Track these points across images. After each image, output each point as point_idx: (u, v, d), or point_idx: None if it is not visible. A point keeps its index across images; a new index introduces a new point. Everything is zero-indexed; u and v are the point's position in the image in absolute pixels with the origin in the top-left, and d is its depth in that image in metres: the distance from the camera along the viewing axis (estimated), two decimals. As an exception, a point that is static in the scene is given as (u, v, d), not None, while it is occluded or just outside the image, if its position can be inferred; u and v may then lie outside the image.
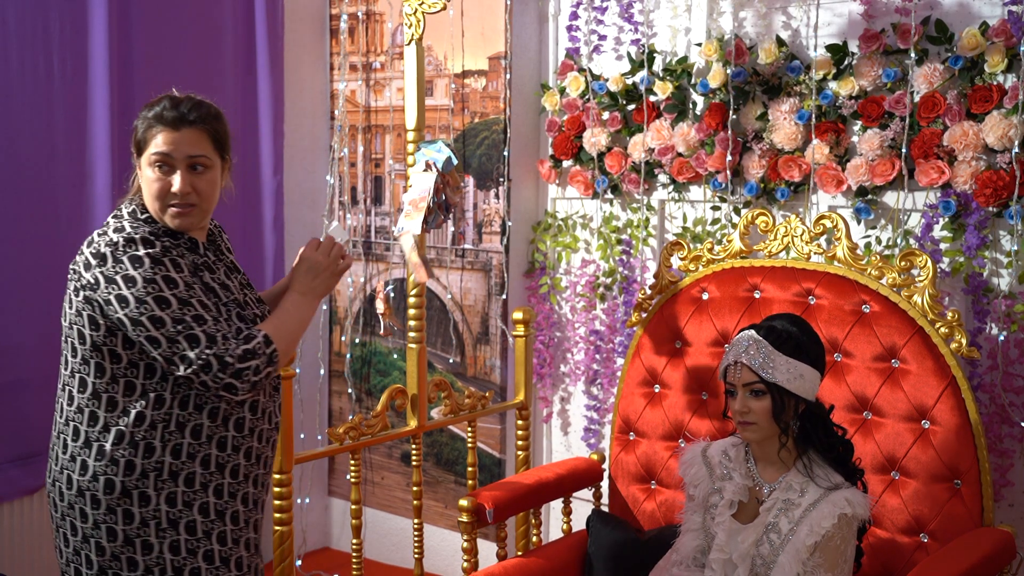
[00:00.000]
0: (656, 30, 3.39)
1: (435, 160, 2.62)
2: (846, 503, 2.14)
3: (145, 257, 1.93)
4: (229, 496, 2.06)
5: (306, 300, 2.13)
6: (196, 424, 2.01)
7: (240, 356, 1.92)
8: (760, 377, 2.19)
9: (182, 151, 2.01)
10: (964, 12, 2.80)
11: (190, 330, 1.91)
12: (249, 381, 1.94)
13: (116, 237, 1.95)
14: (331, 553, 4.20)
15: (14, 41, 3.11)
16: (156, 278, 1.92)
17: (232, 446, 2.06)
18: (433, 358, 3.84)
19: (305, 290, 2.14)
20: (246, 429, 2.08)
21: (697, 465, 2.38)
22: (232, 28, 3.74)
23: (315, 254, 2.15)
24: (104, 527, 1.98)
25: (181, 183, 2.00)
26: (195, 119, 2.02)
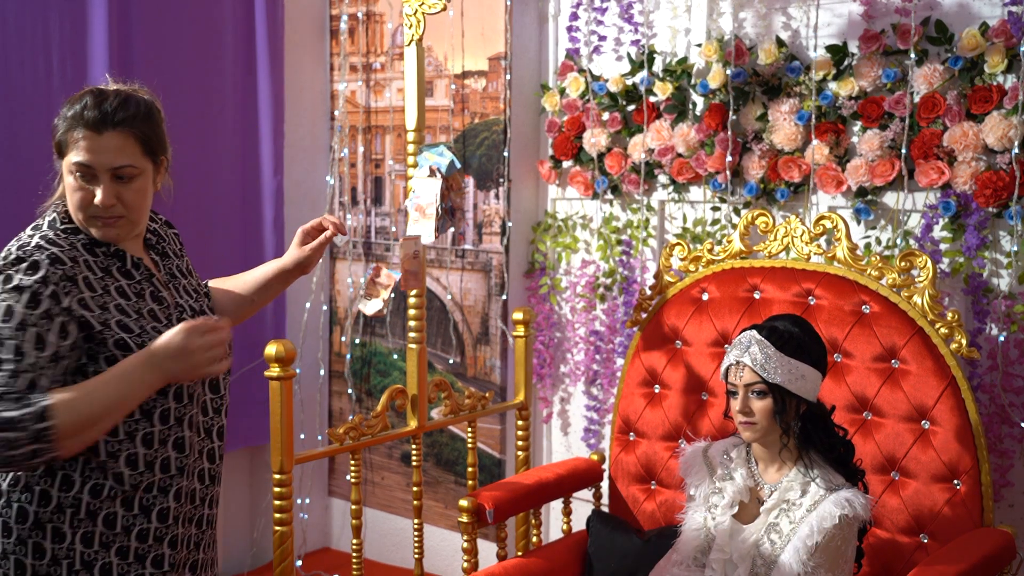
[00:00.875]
0: (656, 31, 3.39)
1: (439, 165, 2.62)
2: (847, 504, 2.14)
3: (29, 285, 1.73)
4: (155, 540, 1.89)
5: (146, 377, 1.76)
6: (116, 471, 1.83)
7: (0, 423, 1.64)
8: (762, 377, 2.19)
9: (104, 161, 1.79)
10: (964, 12, 2.80)
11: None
12: (3, 455, 1.64)
13: (14, 252, 1.78)
14: (331, 553, 4.20)
15: (14, 41, 3.11)
16: (25, 290, 1.72)
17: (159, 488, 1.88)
18: (433, 358, 3.84)
19: (155, 365, 1.76)
20: (173, 468, 1.90)
21: (698, 465, 2.38)
22: (232, 28, 3.74)
23: (197, 339, 1.78)
24: (12, 559, 1.81)
25: (104, 195, 1.80)
26: (120, 120, 1.80)
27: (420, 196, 2.64)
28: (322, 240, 2.24)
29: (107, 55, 3.26)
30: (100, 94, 1.83)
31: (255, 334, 3.77)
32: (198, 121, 3.62)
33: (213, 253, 3.66)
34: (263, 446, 3.93)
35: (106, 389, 1.73)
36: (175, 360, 1.76)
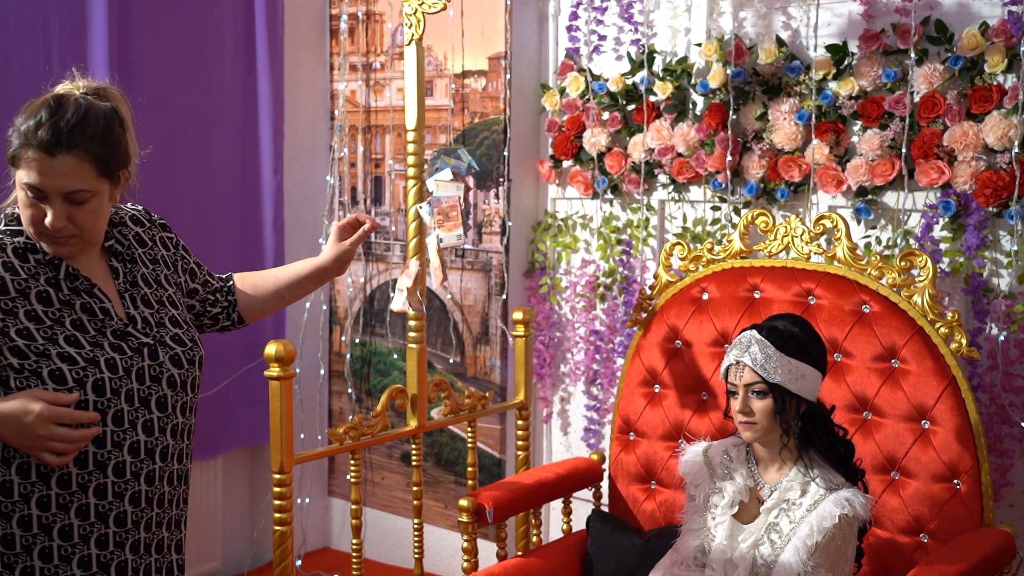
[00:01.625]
0: (656, 30, 3.39)
1: (458, 168, 2.64)
2: (847, 503, 2.14)
3: None
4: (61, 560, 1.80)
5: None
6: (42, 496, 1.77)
7: None
8: (762, 377, 2.19)
9: (56, 185, 1.71)
10: (964, 12, 2.80)
11: None
12: None
13: None
14: (331, 553, 4.20)
15: (14, 41, 3.11)
16: None
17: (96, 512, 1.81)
18: (433, 358, 3.84)
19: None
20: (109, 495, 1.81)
21: (698, 465, 2.38)
22: (232, 28, 3.74)
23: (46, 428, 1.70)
24: None
25: (54, 218, 1.73)
26: (75, 143, 1.71)
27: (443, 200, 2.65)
28: (361, 234, 2.23)
29: (107, 55, 3.26)
30: (58, 108, 1.73)
31: (255, 334, 3.76)
32: (198, 121, 3.62)
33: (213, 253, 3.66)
34: (263, 446, 3.93)
35: None
36: (14, 434, 1.70)
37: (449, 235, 2.68)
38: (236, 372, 3.76)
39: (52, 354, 1.75)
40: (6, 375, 1.75)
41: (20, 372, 1.74)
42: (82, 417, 1.74)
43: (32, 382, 1.74)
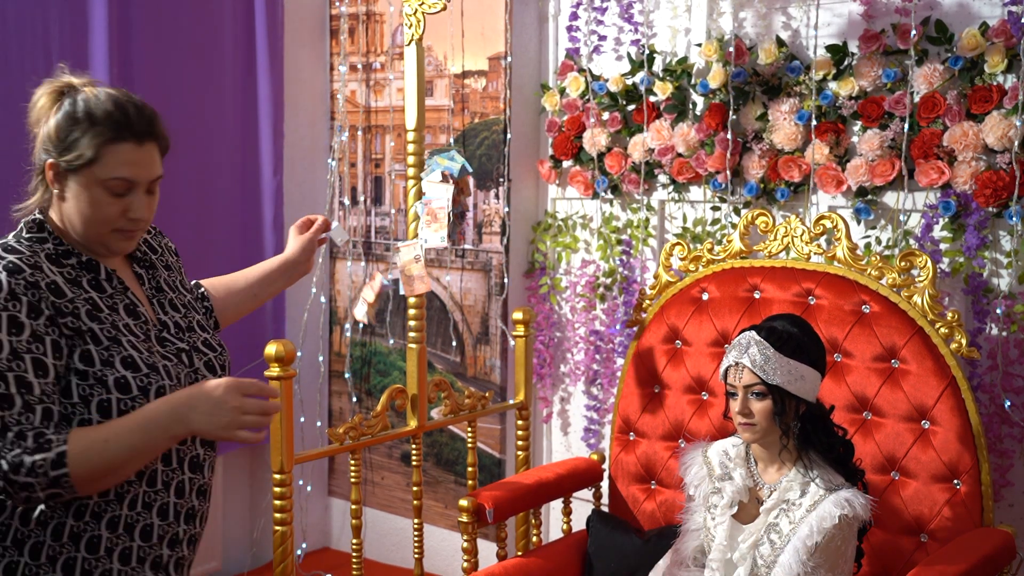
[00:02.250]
0: (656, 30, 3.39)
1: (450, 170, 2.64)
2: (847, 504, 2.14)
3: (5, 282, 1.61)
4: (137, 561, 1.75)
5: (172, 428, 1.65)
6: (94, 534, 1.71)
7: (13, 466, 1.56)
8: (761, 379, 2.19)
9: (145, 175, 1.73)
10: (964, 12, 2.80)
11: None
12: (21, 496, 1.58)
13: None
14: (331, 553, 4.20)
15: (14, 41, 3.11)
16: (1, 314, 1.60)
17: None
18: (433, 358, 3.84)
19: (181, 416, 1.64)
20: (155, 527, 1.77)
21: (697, 465, 2.38)
22: (232, 28, 3.74)
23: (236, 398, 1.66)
24: None
25: (143, 209, 1.74)
26: (155, 131, 1.76)
27: (432, 201, 2.66)
28: (318, 227, 2.26)
29: (107, 55, 3.26)
30: (129, 98, 1.75)
31: (255, 334, 3.77)
32: (198, 121, 3.62)
33: (213, 253, 3.67)
34: (263, 446, 3.93)
35: (128, 438, 1.62)
36: (205, 414, 1.64)
37: (433, 236, 2.69)
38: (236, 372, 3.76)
39: (116, 361, 1.69)
40: (68, 381, 1.66)
41: (84, 379, 1.67)
42: (265, 388, 1.70)
43: (96, 391, 1.67)
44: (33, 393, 1.60)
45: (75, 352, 1.66)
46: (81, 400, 1.66)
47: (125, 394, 1.67)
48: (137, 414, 1.65)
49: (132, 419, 1.64)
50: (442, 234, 2.65)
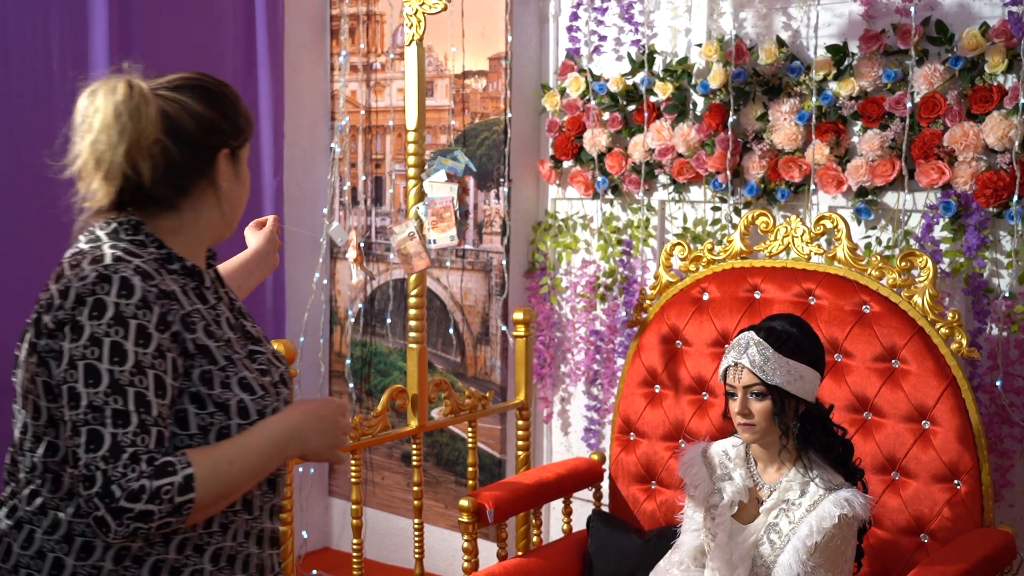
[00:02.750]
0: (656, 31, 3.39)
1: (455, 170, 2.64)
2: (846, 504, 2.14)
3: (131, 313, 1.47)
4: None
5: (289, 449, 1.58)
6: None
7: (132, 493, 1.39)
8: (760, 379, 2.19)
9: None
10: (964, 12, 2.80)
11: (100, 423, 1.41)
12: (129, 527, 1.40)
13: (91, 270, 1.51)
14: (331, 553, 4.20)
15: (14, 41, 3.11)
16: (129, 321, 1.46)
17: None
18: (433, 358, 3.84)
19: (300, 436, 1.58)
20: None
21: (697, 465, 2.38)
22: (232, 28, 3.74)
23: (343, 418, 1.64)
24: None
25: None
26: None
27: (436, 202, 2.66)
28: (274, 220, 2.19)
29: (107, 55, 3.26)
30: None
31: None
32: (198, 121, 3.62)
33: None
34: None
35: (249, 459, 1.52)
36: (319, 434, 1.59)
37: (442, 236, 2.69)
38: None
39: (233, 383, 1.57)
40: (184, 409, 1.52)
41: (202, 406, 1.53)
42: (344, 409, 1.68)
43: (217, 418, 1.54)
44: (151, 413, 1.45)
45: (193, 373, 1.53)
46: (200, 431, 1.53)
47: (245, 420, 1.56)
48: (255, 434, 1.54)
49: (251, 439, 1.54)
50: (451, 233, 2.65)
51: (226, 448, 1.51)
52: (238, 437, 1.54)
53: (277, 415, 1.59)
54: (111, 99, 1.55)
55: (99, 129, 1.54)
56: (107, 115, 1.54)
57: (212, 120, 1.62)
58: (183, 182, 1.60)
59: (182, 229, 1.63)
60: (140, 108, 1.55)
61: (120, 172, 1.54)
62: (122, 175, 1.54)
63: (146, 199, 1.59)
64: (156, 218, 1.61)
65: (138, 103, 1.55)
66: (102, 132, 1.54)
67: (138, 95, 1.56)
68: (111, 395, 1.42)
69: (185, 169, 1.59)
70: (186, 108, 1.60)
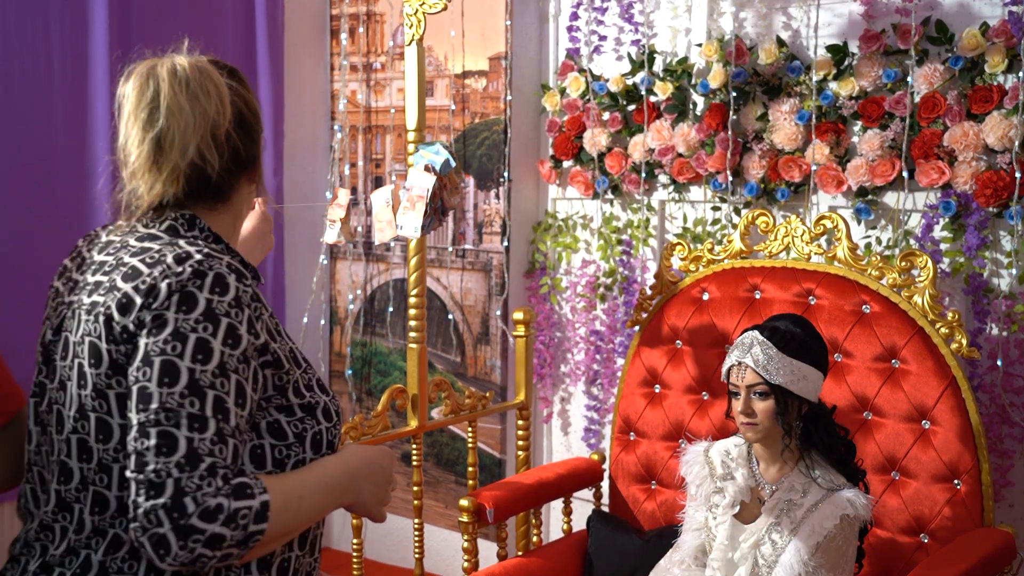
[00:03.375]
0: (656, 31, 3.39)
1: (433, 163, 2.61)
2: (848, 504, 2.15)
3: (224, 311, 1.33)
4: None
5: (346, 494, 1.47)
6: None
7: (207, 510, 1.22)
8: (764, 379, 2.19)
9: None
10: (964, 12, 2.80)
11: (175, 425, 1.25)
12: (193, 553, 1.22)
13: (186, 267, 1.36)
14: (331, 553, 4.20)
15: (14, 41, 3.11)
16: (221, 319, 1.32)
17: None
18: (433, 358, 3.84)
19: (354, 480, 1.47)
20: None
21: (699, 465, 2.38)
22: (232, 28, 3.74)
23: (390, 463, 1.54)
24: None
25: None
26: None
27: (413, 189, 2.63)
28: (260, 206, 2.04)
29: (107, 55, 3.26)
30: None
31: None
32: (198, 121, 3.62)
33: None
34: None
35: (315, 498, 1.39)
36: (375, 485, 1.49)
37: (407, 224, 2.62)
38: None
39: (314, 384, 1.47)
40: (276, 420, 1.41)
41: (292, 413, 1.42)
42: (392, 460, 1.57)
43: (308, 424, 1.44)
44: (228, 423, 1.29)
45: (288, 385, 1.42)
46: (296, 438, 1.42)
47: (329, 423, 1.47)
48: (319, 474, 1.42)
49: (317, 477, 1.41)
50: (416, 224, 2.59)
51: (295, 481, 1.38)
52: (303, 472, 1.41)
53: (335, 457, 1.46)
54: (181, 81, 1.39)
55: (168, 115, 1.38)
56: (179, 99, 1.38)
57: (257, 108, 1.51)
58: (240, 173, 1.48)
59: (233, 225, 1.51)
60: (212, 91, 1.40)
61: (188, 163, 1.39)
62: (189, 167, 1.40)
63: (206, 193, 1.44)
64: (211, 213, 1.47)
65: (210, 85, 1.40)
66: (173, 118, 1.38)
67: (208, 76, 1.41)
68: (188, 396, 1.26)
69: (244, 159, 1.47)
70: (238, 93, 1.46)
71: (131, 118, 1.41)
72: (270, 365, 1.39)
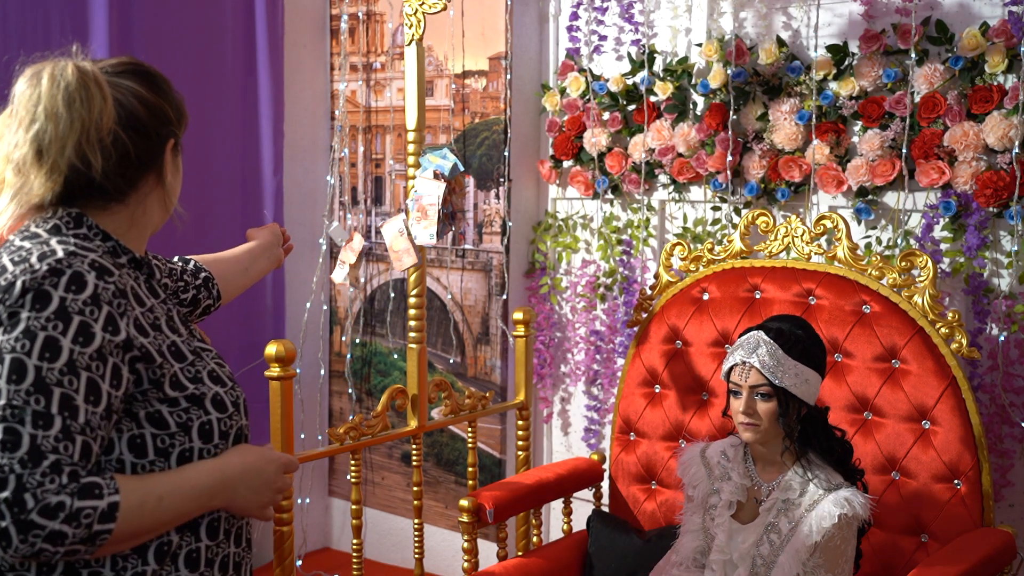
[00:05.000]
0: (656, 30, 3.39)
1: (441, 168, 2.63)
2: (846, 503, 2.14)
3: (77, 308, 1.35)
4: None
5: (215, 499, 1.47)
6: None
7: (47, 507, 1.25)
8: (768, 380, 2.19)
9: None
10: (964, 12, 2.80)
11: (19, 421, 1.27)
12: (34, 547, 1.26)
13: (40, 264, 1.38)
14: (331, 553, 4.20)
15: (14, 41, 3.11)
16: (73, 317, 1.34)
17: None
18: (433, 358, 3.84)
19: (229, 486, 1.48)
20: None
21: (696, 466, 2.38)
22: (232, 28, 3.74)
23: (280, 477, 1.55)
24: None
25: None
26: None
27: (423, 197, 2.65)
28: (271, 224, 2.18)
29: (107, 55, 3.26)
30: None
31: (255, 334, 3.76)
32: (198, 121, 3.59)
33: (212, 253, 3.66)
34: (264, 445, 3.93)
35: (178, 500, 1.41)
36: (252, 491, 1.49)
37: (422, 232, 2.66)
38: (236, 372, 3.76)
39: (204, 375, 1.49)
40: (157, 411, 1.43)
41: (176, 404, 1.44)
42: (294, 464, 1.59)
43: (195, 414, 1.46)
44: (77, 420, 1.31)
45: (164, 379, 1.43)
46: (181, 428, 1.45)
47: (223, 412, 1.49)
48: (188, 476, 1.43)
49: (184, 480, 1.43)
50: (431, 231, 2.63)
51: (158, 483, 1.39)
52: (171, 473, 1.42)
53: (213, 460, 1.47)
54: (60, 85, 1.40)
55: (45, 118, 1.40)
56: (56, 103, 1.40)
57: (161, 108, 1.52)
58: (134, 174, 1.49)
59: (130, 223, 1.52)
60: (94, 95, 1.41)
61: (67, 165, 1.41)
62: (69, 168, 1.41)
63: (93, 193, 1.46)
64: (102, 212, 1.49)
65: (92, 89, 1.42)
66: (49, 121, 1.40)
67: (92, 80, 1.42)
68: (33, 394, 1.29)
69: (138, 160, 1.48)
70: (136, 95, 1.48)
71: (14, 118, 1.44)
72: (139, 360, 1.40)
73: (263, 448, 1.54)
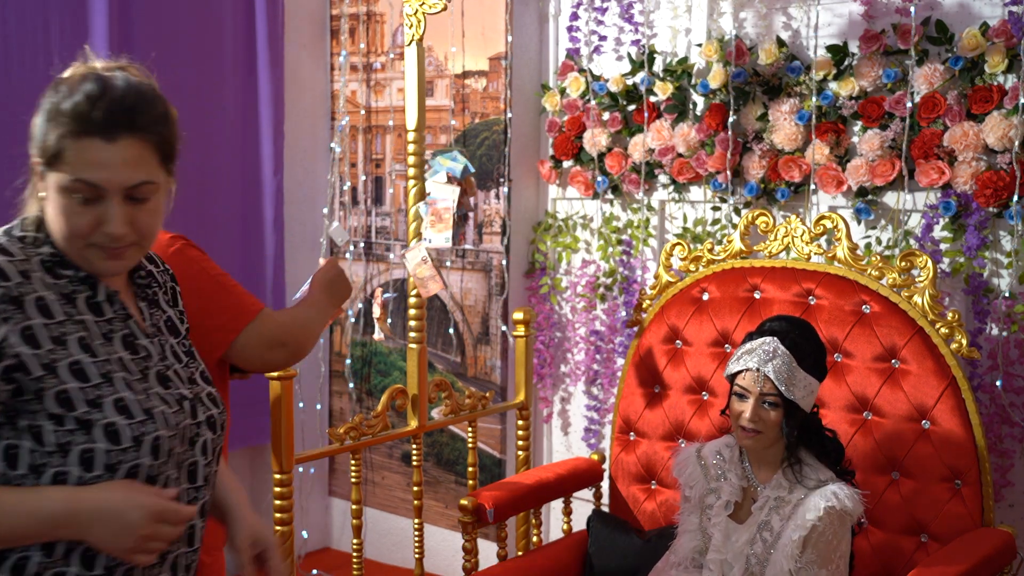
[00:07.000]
0: (656, 31, 3.39)
1: (453, 171, 2.64)
2: (833, 496, 2.15)
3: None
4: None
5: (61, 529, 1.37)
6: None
7: None
8: (779, 391, 2.19)
9: (119, 178, 1.38)
10: (964, 12, 2.80)
11: None
12: None
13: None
14: (331, 553, 4.20)
15: (14, 41, 3.11)
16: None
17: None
18: (433, 358, 3.84)
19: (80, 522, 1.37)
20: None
21: (692, 466, 2.39)
22: (232, 28, 3.74)
23: (152, 526, 1.39)
24: None
25: (118, 223, 1.40)
26: (138, 124, 1.40)
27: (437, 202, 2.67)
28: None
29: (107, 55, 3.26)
30: (107, 83, 1.41)
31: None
32: (198, 121, 3.62)
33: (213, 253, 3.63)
34: (263, 446, 3.93)
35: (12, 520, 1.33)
36: (110, 534, 1.36)
37: (438, 237, 2.69)
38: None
39: (106, 403, 1.39)
40: (39, 426, 1.37)
41: (61, 423, 1.37)
42: (186, 514, 1.44)
43: (78, 437, 1.37)
44: None
45: (46, 392, 1.36)
46: (58, 448, 1.36)
47: (115, 445, 1.38)
48: (32, 499, 1.35)
49: (26, 502, 1.35)
50: (447, 235, 2.66)
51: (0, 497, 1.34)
52: (16, 493, 1.35)
53: (72, 490, 1.37)
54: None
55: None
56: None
57: (33, 125, 1.55)
58: (32, 186, 1.52)
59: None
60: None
61: None
62: None
63: None
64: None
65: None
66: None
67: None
68: None
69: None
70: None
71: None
72: (15, 369, 1.34)
73: (139, 491, 1.39)
